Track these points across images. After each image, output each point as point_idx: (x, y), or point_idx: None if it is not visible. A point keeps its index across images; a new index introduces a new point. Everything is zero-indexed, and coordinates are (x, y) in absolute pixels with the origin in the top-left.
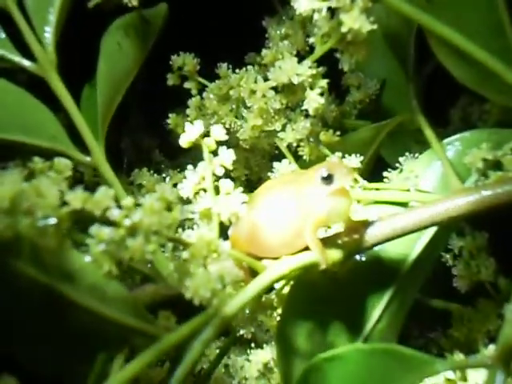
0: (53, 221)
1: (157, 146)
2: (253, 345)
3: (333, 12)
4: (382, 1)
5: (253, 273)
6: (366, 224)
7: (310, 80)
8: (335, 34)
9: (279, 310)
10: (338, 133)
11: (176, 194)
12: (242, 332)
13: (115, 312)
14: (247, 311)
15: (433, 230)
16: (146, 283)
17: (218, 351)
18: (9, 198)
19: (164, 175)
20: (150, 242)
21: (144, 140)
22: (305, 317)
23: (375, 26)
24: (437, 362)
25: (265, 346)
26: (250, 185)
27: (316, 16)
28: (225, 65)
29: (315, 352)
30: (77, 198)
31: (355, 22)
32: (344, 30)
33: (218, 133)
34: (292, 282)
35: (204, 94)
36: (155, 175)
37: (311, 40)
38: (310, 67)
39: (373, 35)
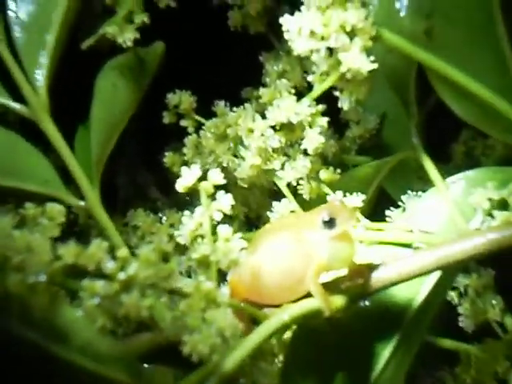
0: (43, 277)
1: (153, 182)
2: None
3: (331, 50)
4: (382, 39)
5: (253, 321)
6: (370, 268)
7: (309, 119)
8: (334, 73)
9: (280, 357)
10: (339, 170)
11: (172, 244)
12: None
13: (109, 370)
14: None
15: (438, 272)
16: (142, 331)
17: None
18: None
19: (160, 215)
20: (145, 297)
21: (140, 176)
22: (308, 366)
23: (375, 66)
24: None
25: None
26: (249, 223)
27: (314, 56)
28: (222, 102)
29: None
30: (69, 253)
31: (354, 61)
32: (343, 69)
33: (216, 177)
34: (294, 327)
35: (201, 133)
36: (151, 215)
37: (310, 78)
38: (309, 106)
39: (372, 72)
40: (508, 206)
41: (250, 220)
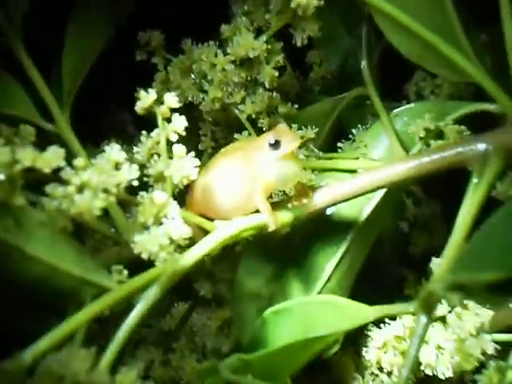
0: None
1: (131, 120)
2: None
3: None
4: None
5: (205, 233)
6: (315, 189)
7: (265, 55)
8: (287, 11)
9: None
10: (297, 106)
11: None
12: (202, 292)
13: (69, 264)
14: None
15: (379, 195)
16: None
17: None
18: None
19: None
20: (97, 199)
21: (118, 115)
22: (260, 272)
23: (322, 2)
24: (368, 310)
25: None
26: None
27: None
28: (189, 40)
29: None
30: (27, 156)
31: None
32: (293, 5)
33: (171, 100)
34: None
35: (169, 69)
36: (125, 146)
37: (267, 16)
38: (265, 42)
39: (331, 17)
40: (444, 136)
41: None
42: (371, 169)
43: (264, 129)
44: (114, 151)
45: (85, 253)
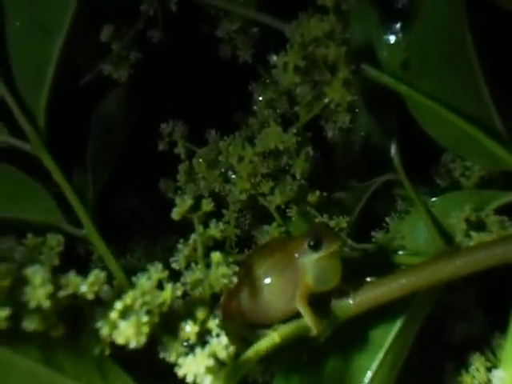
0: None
1: (148, 207)
2: None
3: (314, 83)
4: (363, 73)
5: (246, 342)
6: (356, 288)
7: (295, 146)
8: (318, 103)
9: None
10: (325, 193)
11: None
12: None
13: None
14: None
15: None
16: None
17: None
18: None
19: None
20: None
21: (135, 202)
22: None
23: (355, 97)
24: None
25: None
26: (241, 243)
27: (299, 89)
28: (213, 131)
29: None
30: (70, 283)
31: (336, 93)
32: (327, 100)
33: (207, 206)
34: None
35: (193, 160)
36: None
37: (296, 108)
38: (295, 134)
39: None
40: (485, 226)
41: (241, 240)
42: (414, 267)
43: (293, 218)
44: (156, 270)
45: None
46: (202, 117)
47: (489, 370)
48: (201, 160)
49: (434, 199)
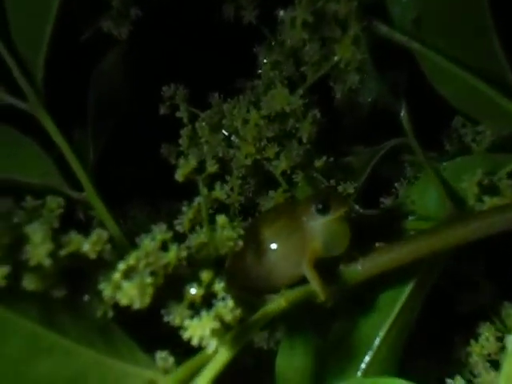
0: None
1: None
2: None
3: (323, 40)
4: (373, 29)
5: (251, 306)
6: (364, 253)
7: (302, 109)
8: (327, 63)
9: None
10: (332, 159)
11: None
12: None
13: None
14: None
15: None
16: None
17: None
18: None
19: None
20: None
21: (137, 169)
22: (304, 348)
23: (366, 55)
24: None
25: None
26: (245, 211)
27: (307, 47)
28: (216, 94)
29: None
30: (72, 241)
31: (347, 50)
32: (336, 58)
33: (211, 168)
34: None
35: (196, 124)
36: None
37: (303, 68)
38: (301, 96)
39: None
40: (498, 191)
41: (245, 208)
42: (424, 232)
43: (299, 184)
44: (160, 230)
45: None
46: (205, 80)
47: (498, 339)
48: (204, 124)
49: (444, 163)
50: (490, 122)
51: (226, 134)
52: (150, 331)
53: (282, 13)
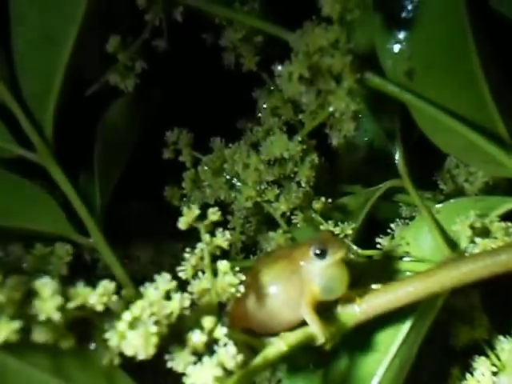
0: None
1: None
2: None
3: (318, 91)
4: (367, 82)
5: (253, 350)
6: (362, 296)
7: (300, 154)
8: (323, 112)
9: None
10: (330, 200)
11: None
12: None
13: None
14: None
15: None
16: None
17: None
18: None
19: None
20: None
21: (141, 210)
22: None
23: (361, 106)
24: None
25: None
26: (246, 249)
27: (304, 98)
28: (218, 139)
29: None
30: (79, 294)
31: (341, 102)
32: (331, 109)
33: (214, 216)
34: None
35: (198, 167)
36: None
37: (300, 116)
38: (300, 142)
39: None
40: (490, 233)
41: (246, 246)
42: (421, 273)
43: (298, 225)
44: (164, 280)
45: None
46: (207, 125)
47: (494, 374)
48: (206, 167)
49: (438, 205)
50: (479, 167)
51: (228, 177)
52: (155, 377)
53: (279, 67)
